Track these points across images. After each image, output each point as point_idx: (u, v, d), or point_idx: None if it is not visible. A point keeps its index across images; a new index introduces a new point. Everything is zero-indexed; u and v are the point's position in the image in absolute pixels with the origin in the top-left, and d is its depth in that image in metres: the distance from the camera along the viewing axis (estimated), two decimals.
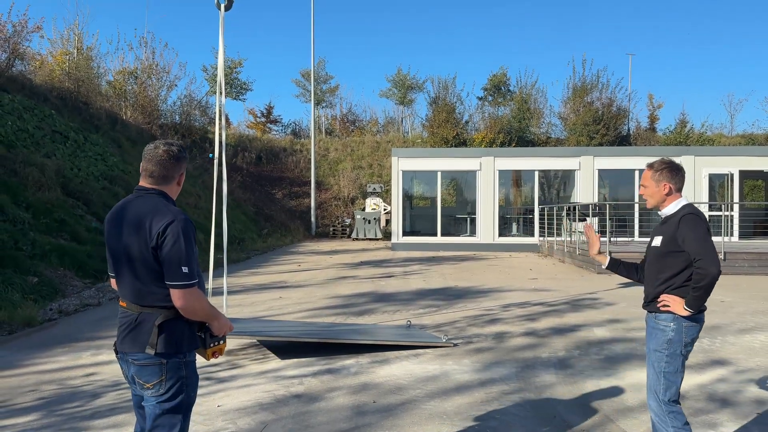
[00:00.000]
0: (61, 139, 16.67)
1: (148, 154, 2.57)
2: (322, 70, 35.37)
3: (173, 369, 2.46)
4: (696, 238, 3.09)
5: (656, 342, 3.24)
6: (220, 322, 2.60)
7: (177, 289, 2.40)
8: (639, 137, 32.64)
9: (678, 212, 3.23)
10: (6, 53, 17.76)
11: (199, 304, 2.48)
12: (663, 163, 3.34)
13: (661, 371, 3.22)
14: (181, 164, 2.62)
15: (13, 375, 5.47)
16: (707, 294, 3.07)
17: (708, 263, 3.02)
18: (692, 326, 3.19)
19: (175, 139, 24.63)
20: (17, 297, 8.37)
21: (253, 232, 22.01)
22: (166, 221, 2.39)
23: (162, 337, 2.43)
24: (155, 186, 2.54)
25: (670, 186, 3.27)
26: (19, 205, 11.48)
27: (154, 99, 27.37)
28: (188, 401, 2.54)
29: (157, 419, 2.46)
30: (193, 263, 2.45)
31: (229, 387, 5.10)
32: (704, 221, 3.16)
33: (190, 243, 2.44)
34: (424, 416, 4.41)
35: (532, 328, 7.42)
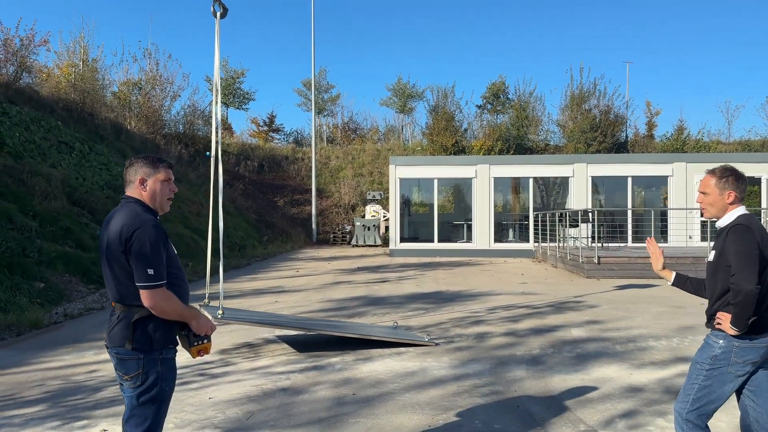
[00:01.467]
0: (66, 149, 17.16)
1: (125, 168, 2.89)
2: (324, 79, 35.92)
3: (150, 364, 2.73)
4: (736, 251, 2.87)
5: (701, 355, 3.07)
6: (199, 321, 2.85)
7: (143, 290, 2.67)
8: (637, 144, 32.96)
9: (731, 222, 3.01)
10: (14, 67, 18.30)
11: (167, 303, 2.72)
12: (727, 169, 3.07)
13: (695, 383, 3.03)
14: (143, 167, 2.85)
15: (21, 372, 5.87)
16: (745, 312, 2.81)
17: (741, 279, 2.81)
18: (747, 346, 2.92)
19: (178, 148, 25.01)
20: (25, 301, 8.79)
21: (254, 239, 22.43)
22: (134, 227, 2.67)
23: (137, 334, 2.71)
24: (131, 194, 2.84)
25: (735, 194, 3.04)
26: (27, 214, 11.93)
27: (158, 109, 27.91)
28: (163, 394, 2.79)
29: (134, 409, 2.75)
30: (160, 266, 2.68)
31: (221, 382, 5.50)
32: (755, 233, 2.91)
33: (157, 247, 2.69)
34: (398, 406, 4.79)
35: (512, 329, 7.79)
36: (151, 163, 2.86)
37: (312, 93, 29.49)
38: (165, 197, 2.89)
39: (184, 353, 3.05)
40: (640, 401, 4.89)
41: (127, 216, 2.73)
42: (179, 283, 2.84)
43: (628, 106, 33.93)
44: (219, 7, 6.16)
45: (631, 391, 5.17)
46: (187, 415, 4.61)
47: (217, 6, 6.19)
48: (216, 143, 6.10)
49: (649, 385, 5.29)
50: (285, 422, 4.43)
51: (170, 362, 2.83)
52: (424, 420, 4.48)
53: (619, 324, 8.09)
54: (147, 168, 2.85)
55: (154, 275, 2.66)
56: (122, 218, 2.72)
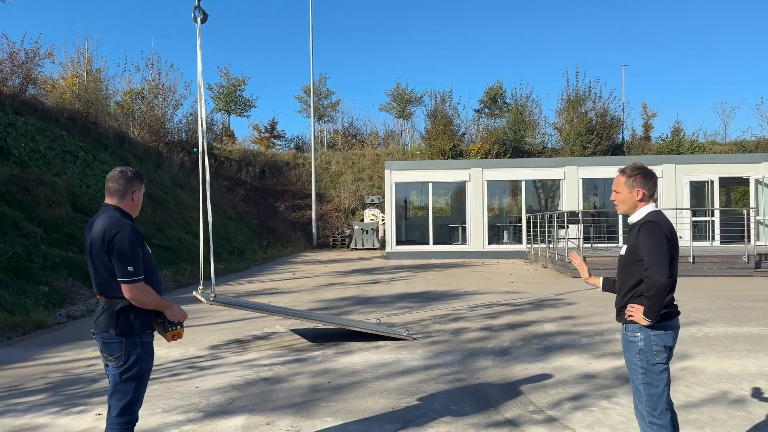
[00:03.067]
0: (71, 158, 17.71)
1: (109, 176, 3.33)
2: (324, 85, 36.51)
3: (130, 346, 3.19)
4: (649, 246, 3.02)
5: (630, 354, 3.19)
6: (172, 310, 3.31)
7: (124, 284, 3.13)
8: (633, 146, 33.32)
9: (641, 219, 3.17)
10: (20, 79, 18.89)
11: (144, 295, 3.16)
12: (636, 168, 3.24)
13: (639, 385, 3.16)
14: (133, 182, 3.31)
15: (25, 366, 6.36)
16: (658, 303, 2.98)
17: (655, 272, 2.96)
18: (662, 334, 3.11)
19: (181, 156, 25.54)
20: (30, 304, 9.29)
21: (255, 244, 22.92)
22: (114, 231, 3.13)
23: (120, 321, 3.17)
24: (113, 202, 3.29)
25: (644, 192, 3.20)
26: (32, 221, 12.46)
27: (161, 118, 28.46)
28: (142, 372, 3.25)
29: (117, 385, 3.23)
30: (138, 263, 3.12)
31: (209, 373, 5.96)
32: (664, 228, 3.08)
33: (134, 247, 3.14)
34: (368, 392, 5.24)
35: (489, 325, 8.23)
36: (141, 180, 3.38)
37: (311, 99, 30.01)
38: (139, 206, 3.40)
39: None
40: (591, 386, 5.32)
41: (108, 221, 3.19)
42: (154, 277, 3.32)
43: (624, 109, 34.34)
44: (199, 12, 6.53)
45: (586, 377, 5.60)
46: (174, 401, 5.07)
47: (197, 12, 6.54)
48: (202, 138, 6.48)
49: (603, 373, 5.72)
50: (262, 407, 4.89)
51: (148, 345, 3.31)
52: (389, 403, 4.93)
53: (591, 319, 8.51)
54: (139, 183, 3.37)
55: (133, 271, 3.12)
56: (104, 223, 3.19)
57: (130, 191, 3.32)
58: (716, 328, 7.80)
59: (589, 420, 4.46)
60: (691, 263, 13.63)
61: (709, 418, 4.46)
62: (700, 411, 4.61)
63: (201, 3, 6.38)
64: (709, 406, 4.71)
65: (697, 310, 9.14)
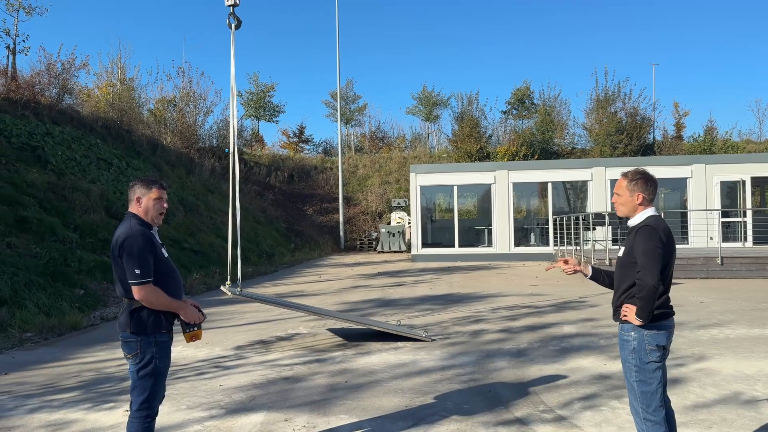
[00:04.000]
0: (105, 165, 18.29)
1: (129, 188, 3.56)
2: (351, 90, 36.82)
3: (145, 345, 3.39)
4: (643, 250, 3.13)
5: (624, 352, 3.30)
6: (186, 312, 3.50)
7: (133, 285, 3.32)
8: (664, 146, 32.82)
9: (640, 223, 3.27)
10: (56, 89, 19.57)
11: (154, 297, 3.33)
12: (638, 173, 3.36)
13: (633, 382, 3.26)
14: (135, 190, 3.49)
15: (60, 365, 6.69)
16: (648, 304, 3.09)
17: (645, 275, 3.08)
18: (655, 333, 3.20)
19: (212, 161, 26.08)
20: (66, 306, 9.70)
21: (283, 248, 23.28)
22: (125, 236, 3.35)
23: (134, 320, 3.38)
24: (131, 210, 3.51)
25: (643, 196, 3.30)
26: (68, 227, 12.95)
27: (192, 125, 29.07)
28: (158, 370, 3.45)
29: (135, 381, 3.46)
30: (145, 266, 3.29)
31: (232, 372, 6.20)
32: (660, 233, 3.17)
33: (143, 252, 3.33)
34: (383, 391, 5.40)
35: (508, 327, 8.31)
36: (146, 185, 3.54)
37: (338, 104, 30.33)
38: (157, 212, 3.55)
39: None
40: (604, 387, 5.39)
41: (123, 228, 3.42)
42: (168, 280, 3.48)
43: (654, 108, 33.86)
44: (233, 19, 6.82)
45: (599, 378, 5.66)
46: (198, 399, 5.31)
47: (231, 18, 6.84)
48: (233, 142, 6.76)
49: (617, 374, 5.77)
50: (281, 404, 5.09)
51: (164, 344, 3.48)
52: (402, 402, 5.08)
53: (611, 321, 8.49)
54: (142, 188, 3.52)
55: (140, 274, 3.32)
56: (120, 230, 3.43)
57: (134, 197, 3.51)
58: (738, 329, 7.74)
59: (598, 419, 4.54)
60: (720, 264, 13.45)
61: (718, 418, 4.50)
62: (710, 411, 4.65)
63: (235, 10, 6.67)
64: (720, 407, 4.74)
65: (720, 312, 9.06)
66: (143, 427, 3.47)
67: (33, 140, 15.77)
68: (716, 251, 13.61)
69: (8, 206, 12.12)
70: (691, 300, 10.33)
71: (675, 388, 5.27)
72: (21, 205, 12.43)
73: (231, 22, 6.81)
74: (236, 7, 6.70)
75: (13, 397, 5.44)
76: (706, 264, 13.56)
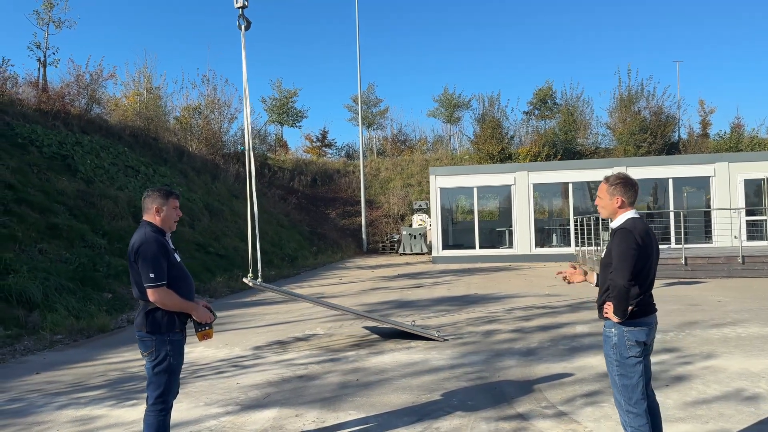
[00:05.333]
0: (132, 173, 18.83)
1: (143, 198, 3.81)
2: (372, 94, 37.11)
3: (160, 343, 3.64)
4: (617, 251, 3.28)
5: (606, 347, 3.45)
6: (198, 312, 3.75)
7: (148, 288, 3.58)
8: (690, 144, 32.41)
9: (618, 226, 3.41)
10: (85, 99, 20.22)
11: (167, 299, 3.58)
12: (618, 177, 3.50)
13: (615, 376, 3.40)
14: (154, 199, 3.73)
15: (88, 365, 7.02)
16: (621, 303, 3.25)
17: (616, 276, 3.24)
18: (634, 330, 3.33)
19: (236, 167, 26.56)
20: (94, 309, 10.09)
21: (306, 251, 23.62)
22: (140, 243, 3.61)
23: (149, 320, 3.64)
24: (146, 218, 3.78)
25: (623, 200, 3.43)
26: (97, 233, 13.41)
27: (217, 131, 29.65)
28: (172, 367, 3.69)
29: (151, 378, 3.71)
30: (159, 270, 3.52)
31: (250, 371, 6.45)
32: (635, 235, 3.29)
33: (156, 257, 3.58)
34: (392, 388, 5.60)
35: (521, 327, 8.43)
36: (164, 196, 3.79)
37: (359, 109, 30.63)
38: (172, 220, 3.84)
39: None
40: (608, 384, 5.47)
41: (138, 235, 3.69)
42: (181, 284, 3.73)
43: (679, 106, 33.47)
44: (243, 20, 7.12)
45: (605, 376, 5.75)
46: (215, 396, 5.57)
47: (241, 20, 7.14)
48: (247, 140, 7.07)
49: None
50: (294, 401, 5.32)
51: (176, 342, 3.73)
52: (410, 399, 5.27)
53: None
54: (161, 199, 3.78)
55: (154, 277, 3.57)
56: (135, 236, 3.69)
57: (153, 208, 3.76)
58: (751, 328, 7.75)
59: (598, 415, 4.67)
60: (741, 263, 13.34)
61: (716, 413, 4.60)
62: (710, 407, 4.75)
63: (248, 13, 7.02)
64: (720, 403, 4.83)
65: (736, 311, 9.05)
66: (158, 420, 3.73)
67: (63, 149, 16.33)
68: (738, 250, 13.49)
69: (40, 214, 12.62)
70: (709, 299, 10.31)
71: (678, 385, 5.37)
72: (52, 213, 12.92)
73: (241, 23, 7.11)
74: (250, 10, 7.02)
75: (43, 395, 5.77)
76: (727, 263, 13.46)
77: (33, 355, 7.61)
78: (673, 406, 4.83)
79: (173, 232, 3.89)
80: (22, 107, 17.29)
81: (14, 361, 7.33)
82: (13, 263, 10.16)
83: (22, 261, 10.44)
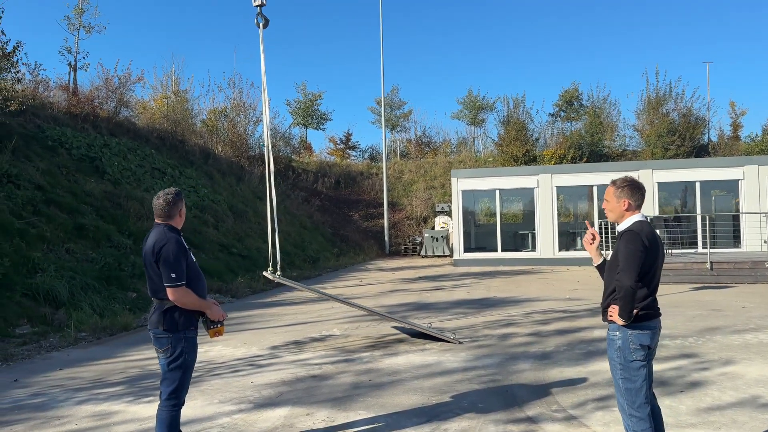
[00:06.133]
0: (159, 174, 19.18)
1: (154, 203, 3.89)
2: (396, 96, 37.12)
3: (176, 340, 3.76)
4: (624, 253, 3.28)
5: (611, 351, 3.44)
6: (212, 310, 3.86)
7: (169, 288, 3.69)
8: (720, 146, 31.77)
9: (625, 228, 3.41)
10: (114, 102, 20.65)
11: (186, 297, 3.72)
12: (625, 181, 3.51)
13: (619, 380, 3.39)
14: (177, 203, 3.87)
15: (109, 363, 7.19)
16: (627, 305, 3.24)
17: (623, 277, 3.23)
18: (638, 333, 3.33)
19: (260, 169, 26.82)
20: (118, 308, 10.31)
21: (328, 252, 23.75)
22: (161, 244, 3.71)
23: (166, 319, 3.75)
24: (162, 221, 3.89)
25: (629, 202, 3.44)
26: (123, 233, 13.69)
27: (243, 134, 29.93)
28: (186, 363, 3.80)
29: (166, 374, 3.82)
30: (180, 271, 3.67)
31: (265, 370, 6.54)
32: (642, 237, 3.29)
33: (178, 257, 3.68)
34: (403, 389, 5.63)
35: (538, 330, 8.39)
36: (182, 198, 3.95)
37: (382, 112, 30.71)
38: (184, 218, 3.98)
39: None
40: None
41: (158, 235, 3.79)
42: (197, 283, 3.85)
43: (709, 108, 32.81)
44: (261, 18, 7.25)
45: None
46: (230, 394, 5.67)
47: (259, 18, 7.27)
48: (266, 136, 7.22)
49: None
50: (306, 400, 5.39)
51: (191, 340, 3.84)
52: (420, 400, 5.29)
53: None
54: (181, 201, 3.92)
55: (176, 277, 3.68)
56: (155, 237, 3.79)
57: (177, 211, 3.89)
58: None
59: (608, 419, 4.64)
60: None
61: (729, 420, 4.53)
62: (723, 413, 4.68)
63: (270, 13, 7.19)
64: (734, 410, 4.76)
65: (760, 317, 8.87)
66: (171, 415, 3.82)
67: (91, 152, 16.71)
68: (765, 255, 13.20)
69: (68, 214, 12.94)
70: (733, 305, 10.12)
71: (693, 391, 5.30)
72: (79, 213, 13.24)
73: (259, 21, 7.25)
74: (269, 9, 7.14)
75: (65, 390, 5.93)
76: (754, 268, 13.18)
77: (57, 352, 7.82)
78: (685, 411, 4.77)
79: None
80: (52, 110, 17.73)
81: (39, 357, 7.54)
82: (41, 262, 10.45)
83: (50, 260, 10.73)
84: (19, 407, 5.42)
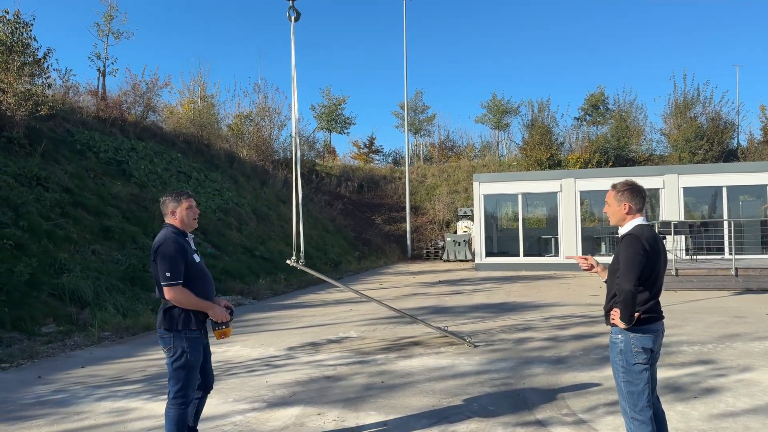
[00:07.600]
0: (185, 178, 19.51)
1: (161, 204, 4.04)
2: (420, 100, 37.17)
3: (177, 340, 3.82)
4: (624, 257, 3.30)
5: (613, 354, 3.46)
6: (214, 312, 3.90)
7: (164, 286, 3.76)
8: (750, 151, 31.12)
9: (626, 232, 3.42)
10: (141, 107, 21.09)
11: (183, 297, 3.75)
12: (625, 184, 3.52)
13: (621, 383, 3.42)
14: (167, 204, 3.94)
15: (129, 361, 7.36)
16: (628, 308, 3.25)
17: (623, 280, 3.24)
18: (640, 336, 3.33)
19: (284, 173, 27.07)
20: (141, 308, 10.53)
21: (350, 255, 23.87)
22: (159, 243, 3.81)
23: (166, 318, 3.83)
24: (167, 221, 3.99)
25: (630, 206, 3.45)
26: (148, 235, 13.96)
27: (267, 138, 30.26)
28: (189, 363, 3.84)
29: (171, 373, 3.89)
30: (175, 270, 3.70)
31: (280, 371, 6.64)
32: (643, 241, 3.30)
33: (173, 257, 3.75)
34: (415, 391, 5.67)
35: (555, 335, 8.35)
36: (176, 199, 4.00)
37: (405, 116, 30.78)
38: (190, 219, 4.02)
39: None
40: None
41: (159, 236, 3.90)
42: (199, 283, 3.89)
43: (738, 112, 32.19)
44: (293, 11, 7.40)
45: None
46: (244, 393, 5.77)
47: (291, 11, 7.42)
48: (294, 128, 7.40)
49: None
50: (318, 400, 5.46)
51: (194, 340, 3.88)
52: (431, 402, 5.33)
53: None
54: (173, 203, 3.98)
55: (170, 276, 3.75)
56: (157, 237, 3.91)
57: (168, 211, 3.98)
58: None
59: (617, 423, 4.62)
60: None
61: (742, 426, 4.48)
62: (736, 420, 4.63)
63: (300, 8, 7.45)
64: (747, 416, 4.70)
65: None
66: (179, 413, 3.91)
67: (119, 155, 17.09)
68: None
69: (95, 216, 13.26)
70: (756, 312, 9.93)
71: (706, 397, 5.24)
72: (106, 216, 13.55)
73: (291, 14, 7.42)
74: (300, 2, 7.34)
75: (85, 387, 6.10)
76: None
77: (81, 350, 8.02)
78: (697, 417, 4.73)
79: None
80: (81, 115, 18.17)
81: (63, 355, 7.75)
82: (68, 263, 10.73)
83: (76, 261, 11.00)
84: (41, 403, 5.59)
